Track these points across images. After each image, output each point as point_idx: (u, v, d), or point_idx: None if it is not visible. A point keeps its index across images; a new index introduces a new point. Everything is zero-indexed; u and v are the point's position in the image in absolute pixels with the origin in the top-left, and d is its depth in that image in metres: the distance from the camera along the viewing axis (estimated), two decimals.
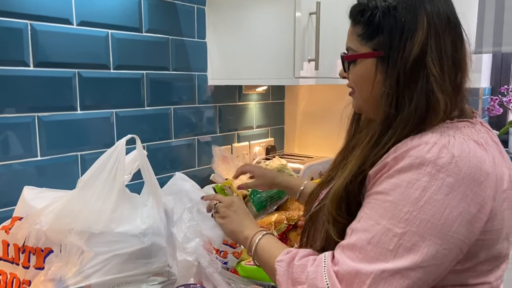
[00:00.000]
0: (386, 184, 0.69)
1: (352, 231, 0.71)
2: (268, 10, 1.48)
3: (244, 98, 1.85)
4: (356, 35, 0.79)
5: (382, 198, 0.69)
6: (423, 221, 0.65)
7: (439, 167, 0.65)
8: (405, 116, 0.72)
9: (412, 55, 0.71)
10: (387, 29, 0.73)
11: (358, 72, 0.79)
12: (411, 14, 0.72)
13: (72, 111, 1.22)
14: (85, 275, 0.81)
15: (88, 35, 1.23)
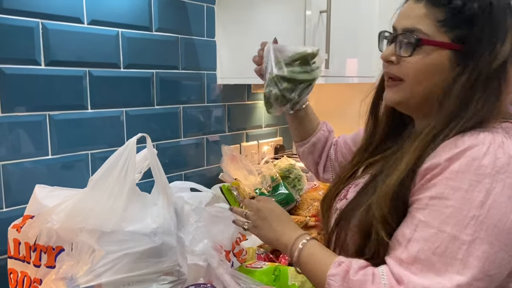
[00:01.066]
0: (442, 187, 0.64)
1: (408, 241, 0.65)
2: (278, 8, 1.47)
3: (253, 97, 1.84)
4: (434, 19, 0.70)
5: (441, 203, 0.64)
6: (490, 226, 0.61)
7: (498, 168, 0.62)
8: (470, 114, 0.68)
9: (500, 58, 0.68)
10: (480, 25, 0.68)
11: (425, 61, 0.71)
12: (507, 16, 0.69)
13: (83, 109, 1.23)
14: (96, 274, 0.81)
15: (98, 34, 1.23)
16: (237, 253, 1.10)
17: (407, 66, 0.73)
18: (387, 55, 0.75)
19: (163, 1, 1.40)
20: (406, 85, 0.74)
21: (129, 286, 0.85)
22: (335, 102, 2.02)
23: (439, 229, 0.63)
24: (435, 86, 0.72)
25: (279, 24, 1.47)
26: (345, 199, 0.84)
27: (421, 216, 0.65)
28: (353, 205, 0.78)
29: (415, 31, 0.71)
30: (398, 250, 0.66)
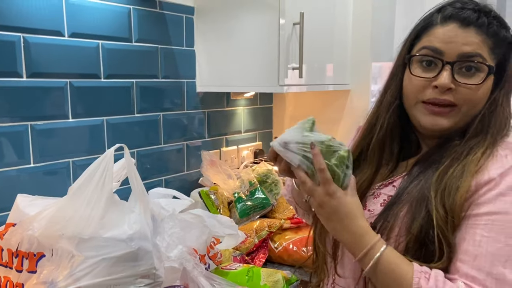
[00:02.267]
0: (500, 202, 0.68)
1: (474, 258, 0.68)
2: (253, 20, 1.53)
3: (232, 103, 1.90)
4: (488, 47, 0.75)
5: (503, 218, 0.68)
6: None
7: None
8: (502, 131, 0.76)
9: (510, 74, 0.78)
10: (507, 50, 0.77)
11: (486, 86, 0.76)
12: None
13: (64, 119, 1.27)
14: (75, 278, 0.86)
15: (79, 46, 1.28)
16: (212, 256, 1.16)
17: (467, 92, 0.74)
18: (448, 84, 0.74)
19: (142, 13, 1.45)
20: (459, 110, 0.76)
21: None
22: (310, 108, 2.09)
23: (506, 243, 0.67)
24: (479, 107, 0.77)
25: (254, 34, 1.53)
26: (368, 210, 0.82)
27: (484, 231, 0.68)
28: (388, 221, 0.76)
29: (476, 56, 0.73)
30: (463, 267, 0.68)
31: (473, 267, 0.67)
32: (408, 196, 0.77)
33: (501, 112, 0.77)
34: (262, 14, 1.50)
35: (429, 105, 0.76)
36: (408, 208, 0.75)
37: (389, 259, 0.70)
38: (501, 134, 0.76)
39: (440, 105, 0.75)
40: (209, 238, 1.10)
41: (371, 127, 0.88)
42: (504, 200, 0.68)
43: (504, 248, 0.66)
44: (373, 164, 0.86)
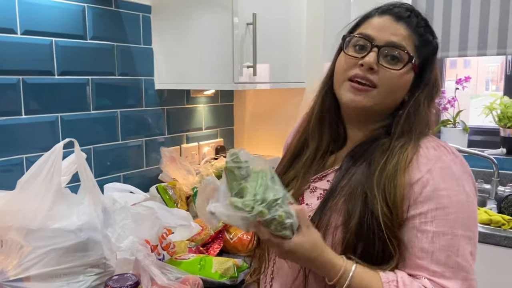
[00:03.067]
0: (438, 198, 0.75)
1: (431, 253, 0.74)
2: (208, 19, 1.58)
3: (192, 101, 1.94)
4: (413, 43, 0.82)
5: (444, 212, 0.75)
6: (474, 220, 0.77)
7: (462, 170, 0.78)
8: (422, 128, 0.83)
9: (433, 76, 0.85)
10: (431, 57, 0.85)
11: (405, 76, 0.82)
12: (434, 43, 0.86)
13: (17, 115, 1.28)
14: (24, 268, 0.89)
15: (32, 44, 1.29)
16: (165, 247, 1.20)
17: (387, 76, 0.81)
18: (371, 63, 0.80)
19: (97, 11, 1.47)
20: (378, 92, 0.81)
21: (57, 278, 0.93)
22: (270, 105, 2.16)
23: (453, 234, 0.74)
24: (398, 100, 0.85)
25: (209, 33, 1.58)
26: (306, 204, 0.86)
27: (433, 227, 0.75)
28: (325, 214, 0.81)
29: (400, 47, 0.80)
30: (423, 263, 0.75)
31: (431, 262, 0.74)
32: (342, 191, 0.82)
33: (424, 113, 0.84)
34: (216, 13, 1.55)
35: (353, 82, 0.82)
36: (343, 203, 0.80)
37: (360, 278, 0.73)
38: (424, 133, 0.84)
39: (362, 83, 0.81)
40: (160, 229, 1.14)
41: (310, 114, 0.94)
42: (439, 194, 0.75)
43: (453, 239, 0.74)
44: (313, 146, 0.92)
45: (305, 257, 0.72)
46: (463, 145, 2.14)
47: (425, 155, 0.79)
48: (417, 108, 0.84)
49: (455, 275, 0.73)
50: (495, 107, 2.16)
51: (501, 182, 1.97)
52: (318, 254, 0.73)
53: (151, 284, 1.07)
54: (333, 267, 0.73)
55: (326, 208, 0.81)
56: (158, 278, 1.06)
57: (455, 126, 2.27)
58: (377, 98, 0.82)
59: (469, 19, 2.04)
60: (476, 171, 2.08)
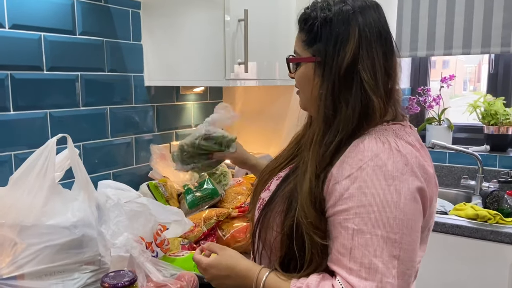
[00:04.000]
0: (363, 195, 0.74)
1: (350, 250, 0.74)
2: (199, 15, 1.57)
3: (182, 98, 1.93)
4: (301, 40, 0.86)
5: (366, 210, 0.73)
6: (409, 222, 0.73)
7: (400, 170, 0.74)
8: (343, 117, 0.79)
9: (344, 62, 0.79)
10: (324, 37, 0.81)
11: (300, 74, 0.86)
12: (344, 25, 0.80)
13: (5, 111, 1.25)
14: (18, 265, 0.87)
15: (20, 38, 1.26)
16: (159, 243, 1.19)
17: (295, 79, 0.89)
18: (289, 74, 0.92)
19: (86, 6, 1.45)
20: (300, 93, 0.90)
21: (52, 275, 0.91)
22: (259, 103, 2.16)
23: (372, 233, 0.72)
24: (314, 94, 0.84)
25: (201, 30, 1.57)
26: (268, 190, 0.93)
27: (353, 225, 0.74)
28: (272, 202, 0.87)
29: (295, 52, 0.88)
30: (343, 260, 0.74)
31: (350, 259, 0.73)
32: (282, 193, 0.87)
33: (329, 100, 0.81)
34: (208, 10, 1.54)
35: None
36: (282, 206, 0.85)
37: (271, 283, 0.81)
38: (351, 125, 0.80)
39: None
40: (155, 225, 1.13)
41: None
42: (364, 193, 0.74)
43: (372, 239, 0.72)
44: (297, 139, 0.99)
45: (224, 268, 0.87)
46: (448, 142, 2.18)
47: (362, 151, 0.77)
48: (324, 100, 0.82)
49: (370, 276, 0.71)
50: (479, 105, 2.20)
51: (486, 178, 2.01)
52: (235, 263, 0.86)
53: (146, 281, 1.06)
54: (248, 276, 0.84)
55: (268, 211, 0.88)
56: (153, 275, 1.06)
57: (440, 123, 2.31)
58: (302, 99, 0.90)
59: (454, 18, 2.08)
60: (460, 167, 2.13)
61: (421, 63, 2.47)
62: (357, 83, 0.79)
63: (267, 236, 0.87)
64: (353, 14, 0.81)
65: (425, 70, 2.48)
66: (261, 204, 0.91)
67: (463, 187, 2.04)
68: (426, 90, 2.33)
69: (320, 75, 0.82)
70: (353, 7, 0.82)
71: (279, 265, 0.85)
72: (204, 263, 0.89)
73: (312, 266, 0.80)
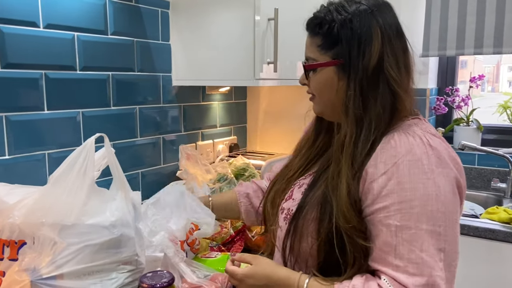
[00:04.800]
0: (403, 191, 0.74)
1: (394, 248, 0.73)
2: (229, 14, 1.56)
3: (207, 98, 1.92)
4: (316, 45, 0.85)
5: (408, 205, 0.73)
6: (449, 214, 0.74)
7: (435, 164, 0.74)
8: (375, 116, 0.79)
9: (371, 62, 0.79)
10: (345, 40, 0.81)
11: (319, 80, 0.86)
12: (366, 25, 0.80)
13: (39, 111, 1.26)
14: (57, 265, 0.87)
15: (54, 38, 1.27)
16: (191, 243, 1.18)
17: (311, 85, 0.89)
18: (301, 80, 0.92)
19: (118, 6, 1.46)
20: (317, 99, 0.89)
21: (90, 275, 0.91)
22: (284, 103, 2.14)
23: (417, 228, 0.72)
24: (335, 98, 0.84)
25: (230, 29, 1.56)
26: (291, 199, 0.91)
27: (396, 221, 0.73)
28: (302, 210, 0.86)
29: (308, 58, 0.88)
30: (388, 257, 0.74)
31: (395, 256, 0.73)
32: (312, 200, 0.85)
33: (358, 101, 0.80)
34: (238, 9, 1.53)
35: None
36: (315, 213, 0.84)
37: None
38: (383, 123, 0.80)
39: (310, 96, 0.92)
40: (188, 223, 1.13)
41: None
42: (403, 188, 0.74)
43: (416, 233, 0.72)
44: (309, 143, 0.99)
45: (261, 277, 0.85)
46: (477, 143, 2.13)
47: (395, 147, 0.77)
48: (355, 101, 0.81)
49: (419, 270, 0.71)
50: (509, 106, 2.15)
51: None
52: (272, 271, 0.85)
53: (181, 282, 1.05)
54: (288, 284, 0.82)
55: (300, 217, 0.86)
56: (187, 276, 1.05)
57: (468, 124, 2.26)
58: (320, 104, 0.89)
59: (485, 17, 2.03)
60: (490, 170, 2.07)
61: (448, 62, 2.42)
62: (383, 81, 0.80)
63: (301, 245, 0.85)
64: (372, 13, 0.81)
65: (453, 70, 2.43)
66: (288, 215, 0.90)
67: (494, 189, 1.99)
68: (454, 90, 2.28)
69: (346, 77, 0.82)
70: (369, 6, 0.82)
71: (318, 271, 0.83)
72: (239, 274, 0.88)
73: (354, 268, 0.79)
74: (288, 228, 0.88)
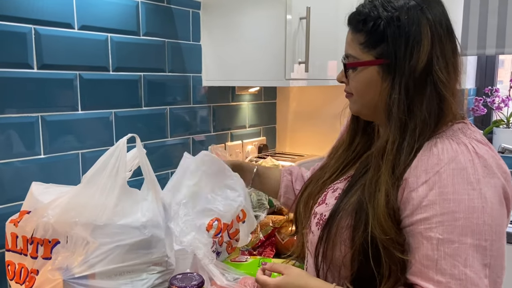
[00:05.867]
0: (445, 202, 0.69)
1: (436, 262, 0.69)
2: (260, 14, 1.54)
3: (237, 98, 1.91)
4: (358, 43, 0.80)
5: (451, 217, 0.68)
6: (496, 227, 0.69)
7: (481, 173, 0.70)
8: (420, 121, 0.74)
9: (420, 63, 0.74)
10: (391, 38, 0.75)
11: (360, 79, 0.81)
12: (414, 24, 0.74)
13: (74, 111, 1.28)
14: (90, 264, 0.87)
15: (88, 39, 1.29)
16: (233, 234, 1.16)
17: (351, 84, 0.84)
18: (339, 78, 0.88)
19: (150, 7, 1.46)
20: (355, 98, 0.85)
21: (121, 275, 0.91)
22: (314, 103, 2.11)
23: (460, 242, 0.67)
24: (377, 98, 0.80)
25: (261, 29, 1.55)
26: (325, 203, 0.88)
27: (438, 234, 0.69)
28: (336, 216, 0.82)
29: (349, 56, 0.83)
30: (429, 272, 0.69)
31: (437, 272, 0.68)
32: (347, 206, 0.81)
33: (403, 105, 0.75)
34: (269, 9, 1.51)
35: None
36: (349, 220, 0.80)
37: None
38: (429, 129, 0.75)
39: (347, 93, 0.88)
40: (239, 208, 1.13)
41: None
42: (446, 199, 0.69)
43: (460, 248, 0.67)
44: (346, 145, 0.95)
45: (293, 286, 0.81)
46: None
47: (438, 154, 0.72)
48: (399, 104, 0.76)
49: (461, 287, 0.67)
50: None
51: None
52: (305, 282, 0.81)
53: (210, 284, 1.04)
54: None
55: (332, 225, 0.82)
56: (217, 278, 1.04)
57: (509, 126, 2.17)
58: (358, 103, 0.85)
59: None
60: None
61: (487, 61, 2.32)
62: (431, 84, 0.75)
63: (334, 253, 0.81)
64: (421, 10, 0.75)
65: (492, 70, 2.33)
66: (321, 220, 0.86)
67: None
68: (494, 91, 2.19)
69: (390, 78, 0.77)
70: (419, 2, 0.76)
71: (351, 282, 0.80)
72: (271, 284, 0.85)
73: (390, 281, 0.75)
74: (320, 235, 0.84)
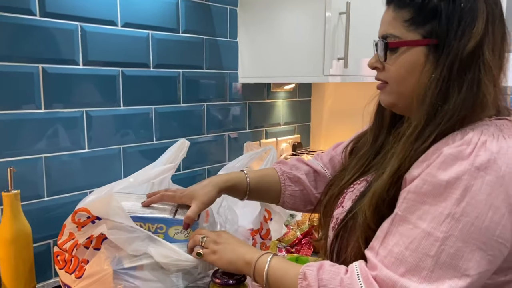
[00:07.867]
0: (421, 181, 0.64)
1: (385, 234, 0.66)
2: (298, 10, 1.53)
3: (272, 95, 1.91)
4: (402, 20, 0.72)
5: (419, 199, 0.63)
6: (466, 225, 0.60)
7: (477, 165, 0.61)
8: (451, 107, 0.66)
9: (470, 44, 0.66)
10: (445, 15, 0.68)
11: (402, 62, 0.72)
12: (471, 1, 0.67)
13: (116, 107, 1.31)
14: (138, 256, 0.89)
15: (131, 36, 1.31)
16: (264, 235, 1.16)
17: (389, 70, 0.75)
18: (371, 63, 0.79)
19: (189, 4, 1.48)
20: (390, 87, 0.76)
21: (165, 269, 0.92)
22: (350, 100, 2.08)
23: (415, 225, 0.63)
24: (418, 84, 0.71)
25: (299, 26, 1.53)
26: (342, 207, 0.83)
27: (399, 210, 0.65)
28: (350, 216, 0.77)
29: (388, 36, 0.74)
30: (375, 242, 0.67)
31: (381, 244, 0.66)
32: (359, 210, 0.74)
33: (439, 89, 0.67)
34: (307, 5, 1.50)
35: None
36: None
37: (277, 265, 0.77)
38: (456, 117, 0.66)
39: (378, 82, 0.80)
40: (262, 211, 1.11)
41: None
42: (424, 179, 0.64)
43: (411, 230, 0.63)
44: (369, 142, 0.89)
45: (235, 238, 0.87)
46: None
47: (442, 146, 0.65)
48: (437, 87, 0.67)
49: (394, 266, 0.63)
50: None
51: None
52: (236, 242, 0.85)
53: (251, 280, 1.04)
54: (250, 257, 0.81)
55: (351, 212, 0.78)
56: None
57: None
58: (393, 93, 0.76)
59: None
60: None
61: None
62: (475, 67, 0.66)
63: (346, 260, 0.76)
64: None
65: None
66: (336, 224, 0.81)
67: None
68: None
69: (435, 60, 0.69)
70: None
71: None
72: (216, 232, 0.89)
73: None
74: (332, 239, 0.80)
